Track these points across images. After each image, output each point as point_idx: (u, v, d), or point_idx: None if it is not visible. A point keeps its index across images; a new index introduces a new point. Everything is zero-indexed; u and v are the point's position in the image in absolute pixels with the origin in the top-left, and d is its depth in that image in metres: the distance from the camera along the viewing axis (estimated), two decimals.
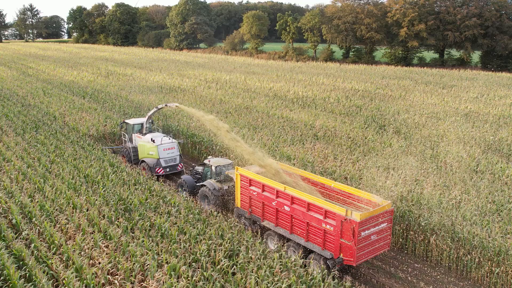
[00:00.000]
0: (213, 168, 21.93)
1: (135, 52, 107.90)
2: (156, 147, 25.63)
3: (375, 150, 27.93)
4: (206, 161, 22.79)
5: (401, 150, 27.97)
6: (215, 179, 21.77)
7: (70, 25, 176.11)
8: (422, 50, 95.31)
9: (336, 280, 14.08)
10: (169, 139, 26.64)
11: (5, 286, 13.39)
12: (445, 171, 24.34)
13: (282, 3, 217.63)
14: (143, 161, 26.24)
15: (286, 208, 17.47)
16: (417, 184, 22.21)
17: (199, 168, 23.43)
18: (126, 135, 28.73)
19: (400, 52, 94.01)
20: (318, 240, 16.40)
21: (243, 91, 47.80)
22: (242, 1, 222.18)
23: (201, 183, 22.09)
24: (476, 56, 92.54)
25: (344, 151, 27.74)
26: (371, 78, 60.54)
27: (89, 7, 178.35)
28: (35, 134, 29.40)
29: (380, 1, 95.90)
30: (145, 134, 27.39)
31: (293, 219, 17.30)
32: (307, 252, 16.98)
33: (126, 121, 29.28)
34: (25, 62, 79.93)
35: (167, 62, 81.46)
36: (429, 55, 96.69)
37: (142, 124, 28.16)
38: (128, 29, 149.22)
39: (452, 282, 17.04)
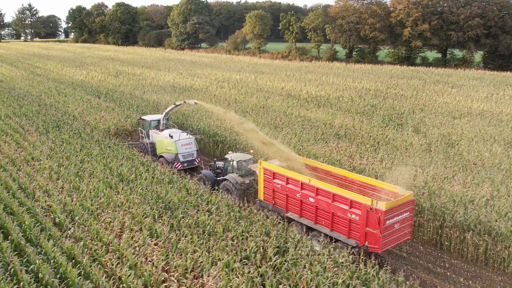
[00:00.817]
0: (234, 163, 22.56)
1: (139, 52, 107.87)
2: (174, 142, 26.19)
3: (397, 148, 28.21)
4: (227, 156, 23.46)
5: (423, 148, 28.30)
6: (237, 173, 22.40)
7: (69, 25, 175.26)
8: (425, 50, 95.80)
9: (388, 275, 14.31)
10: (187, 134, 27.23)
11: (64, 285, 13.49)
12: (470, 169, 24.66)
13: (280, 2, 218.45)
14: (161, 156, 26.74)
15: (311, 199, 18.01)
16: (446, 181, 22.51)
17: (220, 163, 24.08)
18: (143, 131, 29.26)
19: (403, 52, 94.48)
20: (343, 229, 17.01)
21: (256, 91, 48.00)
22: (240, 1, 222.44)
23: (223, 177, 22.72)
24: (478, 55, 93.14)
25: (368, 149, 28.00)
26: (379, 78, 60.93)
27: (88, 6, 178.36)
28: (59, 134, 29.45)
29: (383, 1, 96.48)
30: (162, 130, 27.96)
31: (318, 210, 17.89)
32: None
33: (143, 117, 29.87)
34: (31, 61, 79.79)
35: (173, 61, 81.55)
36: (432, 54, 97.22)
37: (158, 120, 28.75)
38: (129, 28, 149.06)
39: (490, 277, 17.33)
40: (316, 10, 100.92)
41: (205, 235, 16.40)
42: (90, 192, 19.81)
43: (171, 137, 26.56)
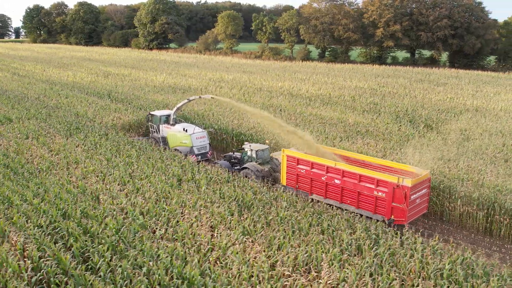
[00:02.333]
0: (253, 152, 24.43)
1: (112, 52, 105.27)
2: (190, 136, 27.42)
3: (422, 144, 29.55)
4: (246, 147, 25.11)
5: (442, 143, 29.84)
6: (256, 162, 24.26)
7: (26, 24, 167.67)
8: (395, 50, 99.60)
9: (485, 259, 15.29)
10: (200, 128, 28.55)
11: (185, 285, 13.44)
12: (495, 161, 26.31)
13: (240, 3, 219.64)
14: (175, 149, 27.51)
15: (337, 181, 19.92)
16: (482, 173, 23.96)
17: (238, 154, 26.06)
18: (154, 125, 30.11)
19: (375, 52, 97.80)
20: (369, 206, 19.05)
21: (256, 90, 48.41)
22: (200, 1, 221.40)
23: (242, 166, 24.61)
24: (444, 55, 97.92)
25: (394, 145, 29.16)
26: (365, 77, 62.93)
27: (45, 6, 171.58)
28: (85, 136, 28.68)
29: (356, 2, 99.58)
30: (173, 124, 29.01)
31: (343, 191, 19.80)
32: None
33: (152, 113, 30.91)
34: (4, 62, 76.02)
35: (154, 62, 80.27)
36: (401, 54, 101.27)
37: (168, 115, 29.87)
38: (92, 28, 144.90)
39: None
40: (290, 11, 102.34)
41: (294, 230, 16.79)
42: (157, 193, 19.64)
43: (186, 130, 27.64)
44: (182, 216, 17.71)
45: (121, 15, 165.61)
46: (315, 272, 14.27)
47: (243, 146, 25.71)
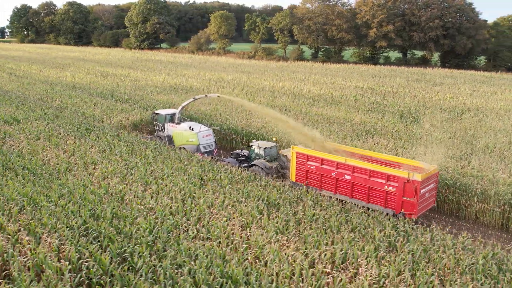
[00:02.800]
0: (261, 150, 24.88)
1: (106, 52, 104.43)
2: (196, 134, 27.77)
3: (431, 142, 30.01)
4: (254, 145, 25.55)
5: (451, 141, 30.36)
6: (264, 159, 24.74)
7: (13, 24, 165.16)
8: (387, 50, 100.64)
9: None
10: (205, 127, 29.01)
11: (230, 283, 13.51)
12: (504, 158, 26.88)
13: (229, 3, 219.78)
14: (182, 147, 27.69)
15: (347, 177, 20.40)
16: (494, 170, 24.46)
17: (246, 152, 26.53)
18: (159, 124, 30.33)
19: (368, 52, 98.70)
20: (380, 200, 19.57)
21: (258, 90, 48.53)
22: (189, 1, 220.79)
23: (250, 163, 25.05)
24: (435, 55, 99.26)
25: (404, 144, 29.56)
26: (363, 77, 63.49)
27: (34, 5, 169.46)
28: (97, 137, 28.51)
29: (348, 2, 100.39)
30: (178, 123, 29.25)
31: (354, 186, 20.29)
32: None
33: (157, 111, 31.11)
34: None
35: (151, 62, 79.79)
36: (394, 54, 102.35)
37: (172, 114, 30.08)
38: (82, 28, 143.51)
39: None
40: (284, 11, 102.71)
41: (325, 228, 16.97)
42: (183, 193, 19.65)
43: (192, 129, 27.98)
44: (211, 216, 17.77)
45: (110, 15, 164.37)
46: (352, 269, 14.48)
47: (250, 144, 26.16)
